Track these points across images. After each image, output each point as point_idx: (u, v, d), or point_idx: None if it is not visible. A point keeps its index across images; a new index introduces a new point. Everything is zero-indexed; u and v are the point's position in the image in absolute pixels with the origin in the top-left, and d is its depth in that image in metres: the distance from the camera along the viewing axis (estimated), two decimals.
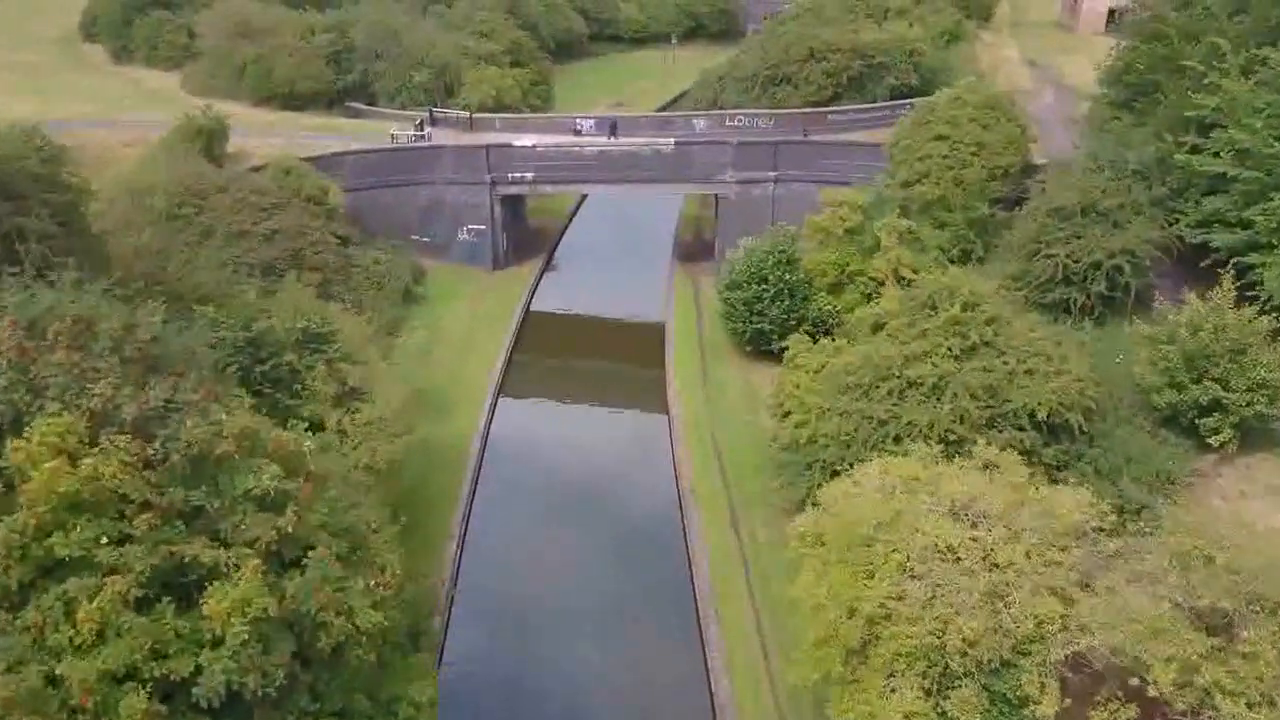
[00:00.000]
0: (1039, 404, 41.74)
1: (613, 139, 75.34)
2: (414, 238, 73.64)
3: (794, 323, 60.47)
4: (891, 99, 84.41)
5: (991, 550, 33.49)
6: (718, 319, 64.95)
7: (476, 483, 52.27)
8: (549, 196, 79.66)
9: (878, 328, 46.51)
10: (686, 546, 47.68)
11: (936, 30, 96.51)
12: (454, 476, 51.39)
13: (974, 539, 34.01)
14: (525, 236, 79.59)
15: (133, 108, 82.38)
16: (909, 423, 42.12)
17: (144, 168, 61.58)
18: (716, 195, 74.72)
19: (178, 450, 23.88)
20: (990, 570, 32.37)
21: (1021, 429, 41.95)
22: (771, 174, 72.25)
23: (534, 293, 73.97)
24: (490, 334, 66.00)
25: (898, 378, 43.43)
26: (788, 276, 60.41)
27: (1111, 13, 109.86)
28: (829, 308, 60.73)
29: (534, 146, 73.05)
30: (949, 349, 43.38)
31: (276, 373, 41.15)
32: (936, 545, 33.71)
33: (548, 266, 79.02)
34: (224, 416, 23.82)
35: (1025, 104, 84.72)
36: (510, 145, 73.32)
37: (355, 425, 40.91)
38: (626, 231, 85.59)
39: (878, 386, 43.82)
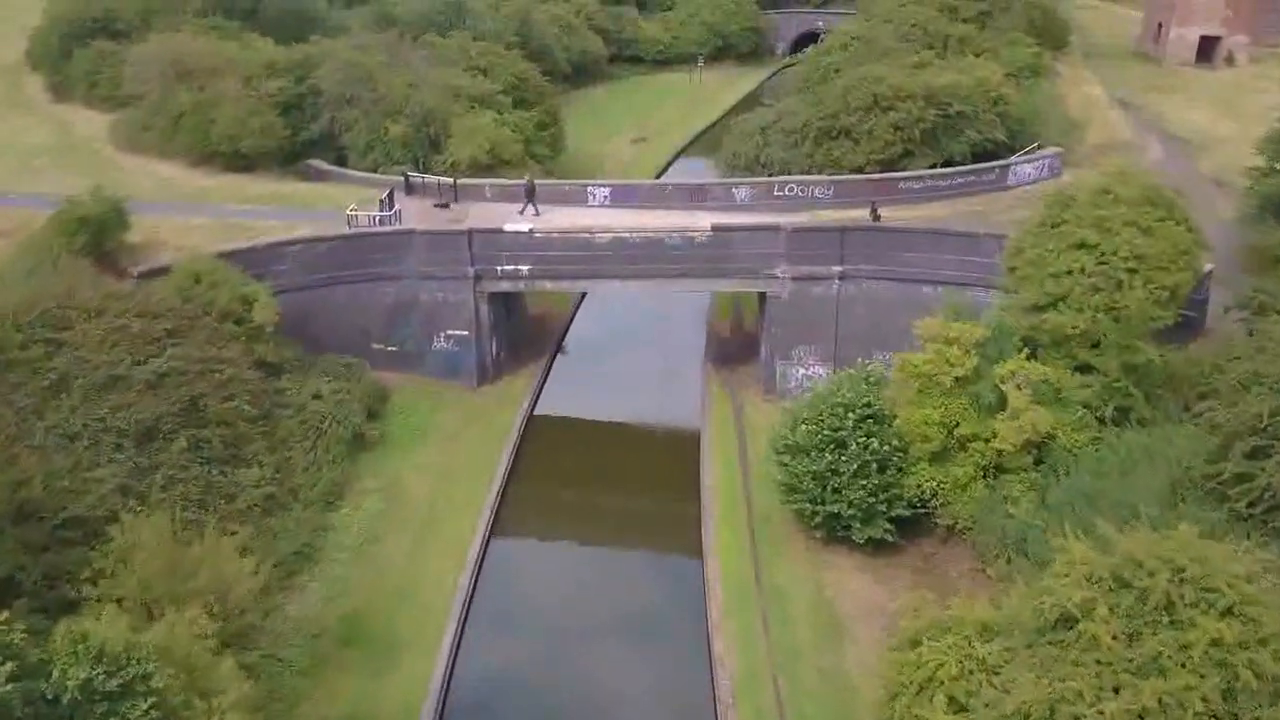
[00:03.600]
0: None
1: (530, 205, 55.25)
2: (376, 346, 53.79)
3: (882, 504, 40.51)
4: (973, 156, 63.86)
5: None
6: (768, 469, 44.85)
7: None
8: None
9: (1064, 622, 26.18)
10: None
11: (1014, 65, 75.56)
12: None
13: None
14: (522, 335, 59.79)
15: (43, 169, 62.64)
16: None
17: None
18: (764, 294, 54.29)
19: None
20: None
21: None
22: (836, 269, 52.14)
23: (529, 416, 53.80)
24: (465, 496, 46.32)
25: None
26: (875, 443, 40.20)
27: (1203, 41, 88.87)
28: (930, 483, 40.65)
29: (530, 232, 52.77)
30: (1203, 699, 23.40)
31: None
32: None
33: (549, 372, 58.65)
34: None
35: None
36: (500, 231, 52.99)
37: None
38: (648, 318, 65.45)
39: None
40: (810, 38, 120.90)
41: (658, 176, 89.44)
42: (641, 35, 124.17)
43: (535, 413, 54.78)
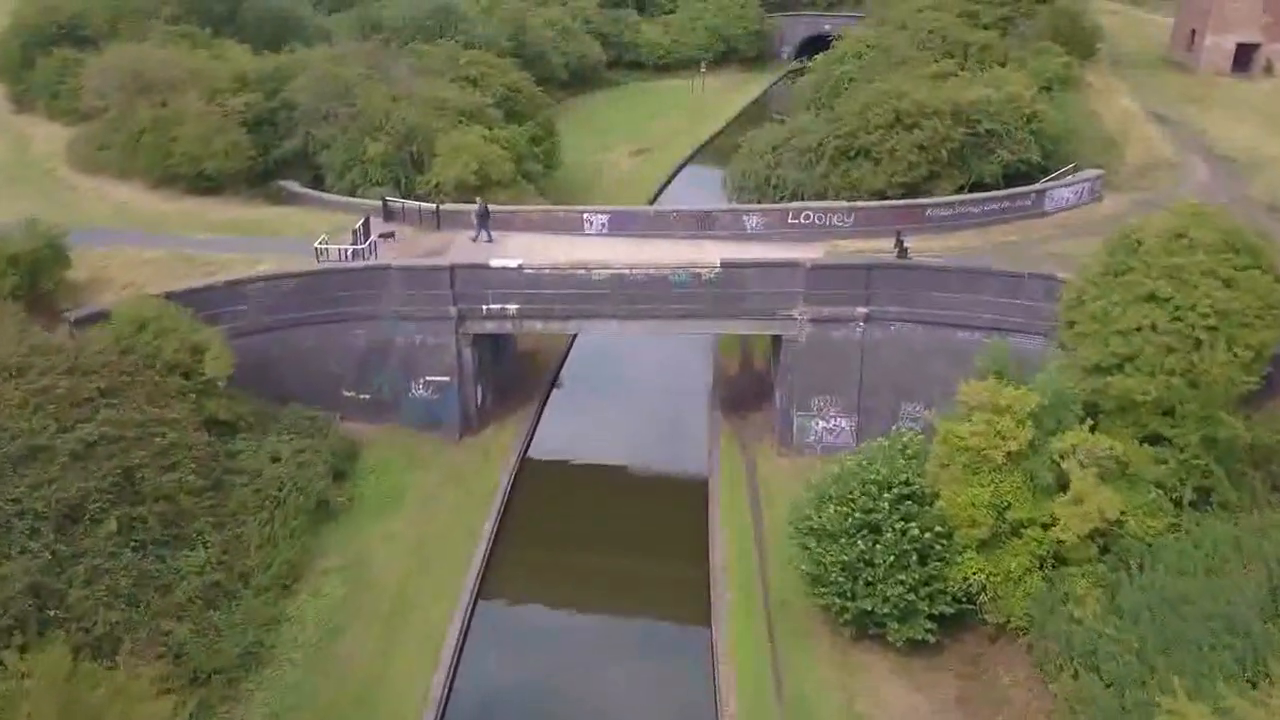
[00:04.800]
0: None
1: (483, 230, 49.99)
2: (347, 395, 47.91)
3: (924, 600, 34.55)
4: (1004, 178, 57.95)
5: None
6: (788, 549, 38.75)
7: None
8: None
9: None
10: None
11: (1043, 76, 69.56)
12: None
13: None
14: (510, 377, 53.88)
15: None
16: None
17: None
18: (779, 336, 48.41)
19: None
20: None
21: None
22: (860, 310, 46.15)
23: (517, 473, 47.82)
24: (442, 575, 40.41)
25: None
26: (914, 528, 34.23)
27: (1240, 50, 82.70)
28: (978, 576, 34.64)
29: (520, 268, 46.83)
30: None
31: None
32: None
33: (540, 418, 52.76)
34: None
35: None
36: (485, 266, 47.07)
37: None
38: (649, 348, 59.51)
39: None
40: (817, 41, 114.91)
41: (660, 191, 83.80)
42: (642, 40, 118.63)
43: (525, 466, 48.82)
